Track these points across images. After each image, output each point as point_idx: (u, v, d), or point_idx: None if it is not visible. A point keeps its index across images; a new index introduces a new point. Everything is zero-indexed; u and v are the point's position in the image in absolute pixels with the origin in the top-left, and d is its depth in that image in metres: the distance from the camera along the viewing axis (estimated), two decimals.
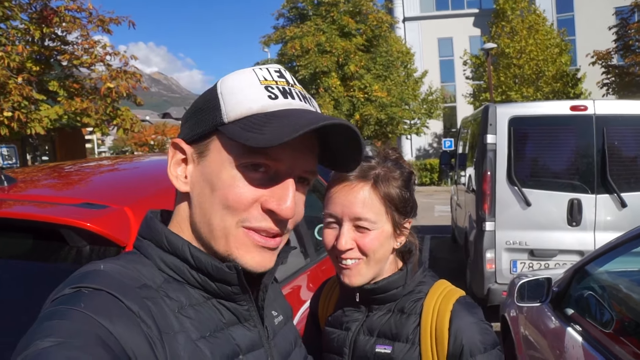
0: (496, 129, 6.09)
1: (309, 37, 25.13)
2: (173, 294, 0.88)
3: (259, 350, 0.96)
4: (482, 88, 30.45)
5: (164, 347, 0.80)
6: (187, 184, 0.93)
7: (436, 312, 1.43)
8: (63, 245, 1.60)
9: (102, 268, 0.85)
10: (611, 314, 2.79)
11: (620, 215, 5.82)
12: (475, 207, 6.45)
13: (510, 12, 29.74)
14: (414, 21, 41.06)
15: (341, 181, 1.44)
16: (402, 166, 1.49)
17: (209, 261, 0.89)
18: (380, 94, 25.20)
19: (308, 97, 0.96)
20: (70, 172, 2.58)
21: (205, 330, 0.88)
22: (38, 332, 0.71)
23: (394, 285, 1.48)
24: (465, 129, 9.64)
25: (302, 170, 0.92)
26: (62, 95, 13.13)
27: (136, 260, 0.91)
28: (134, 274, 0.86)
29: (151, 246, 0.93)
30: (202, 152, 0.91)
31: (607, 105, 5.95)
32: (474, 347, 1.37)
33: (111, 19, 13.77)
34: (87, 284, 0.80)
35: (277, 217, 0.90)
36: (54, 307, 0.77)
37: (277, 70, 0.94)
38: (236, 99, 0.88)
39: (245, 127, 0.85)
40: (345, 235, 1.41)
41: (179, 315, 0.86)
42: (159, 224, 0.94)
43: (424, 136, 33.72)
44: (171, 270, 0.91)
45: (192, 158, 0.92)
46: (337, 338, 1.53)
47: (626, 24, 24.93)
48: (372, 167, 1.44)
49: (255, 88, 0.89)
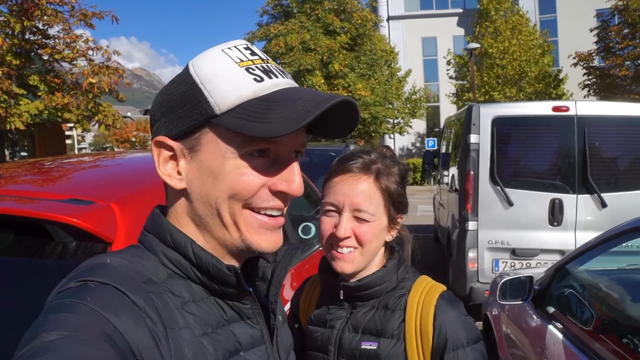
0: (479, 128, 6.13)
1: (293, 35, 25.04)
2: (176, 289, 0.87)
3: (260, 347, 0.96)
4: (465, 88, 30.62)
5: (169, 342, 0.79)
6: (182, 181, 0.91)
7: (420, 308, 1.46)
8: (48, 241, 1.59)
9: (108, 262, 0.85)
10: (591, 312, 2.82)
11: (600, 215, 5.89)
12: (458, 206, 6.50)
13: (494, 12, 29.91)
14: (398, 20, 41.16)
15: (344, 172, 1.48)
16: (399, 162, 1.54)
17: (210, 260, 0.89)
18: (364, 92, 25.20)
19: (284, 71, 0.94)
20: (54, 168, 2.56)
21: (207, 326, 0.88)
22: (45, 325, 0.71)
23: (378, 282, 1.50)
24: (449, 128, 9.69)
25: (298, 145, 0.93)
26: (43, 90, 12.95)
27: (140, 255, 0.90)
28: (139, 268, 0.85)
29: (155, 241, 0.92)
30: (194, 146, 0.89)
31: (588, 107, 6.02)
32: (458, 341, 1.40)
33: (94, 13, 13.64)
34: (93, 278, 0.79)
35: (287, 196, 0.91)
36: (60, 300, 0.76)
37: (247, 47, 0.93)
38: (221, 87, 0.85)
39: (243, 117, 0.84)
40: (345, 224, 1.44)
41: (182, 311, 0.86)
42: (164, 219, 0.93)
43: (407, 135, 33.87)
44: (174, 266, 0.90)
45: (183, 154, 0.90)
46: (321, 336, 1.54)
47: (607, 26, 25.22)
48: (373, 161, 1.49)
49: (236, 73, 0.87)
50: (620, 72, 23.75)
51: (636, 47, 23.25)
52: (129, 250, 0.92)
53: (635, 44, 23.26)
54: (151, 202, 1.07)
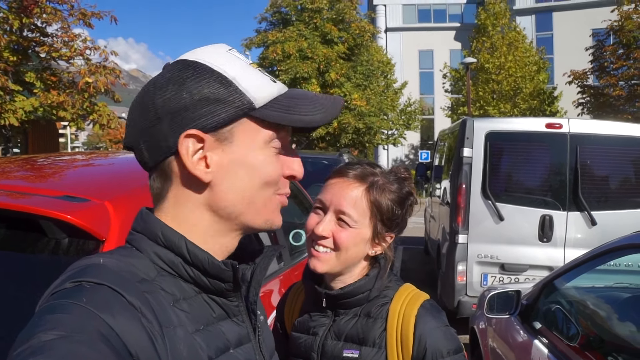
0: (473, 142, 6.15)
1: (291, 42, 25.09)
2: (167, 287, 0.88)
3: (247, 344, 0.97)
4: (460, 102, 30.74)
5: (165, 341, 0.80)
6: (209, 174, 0.90)
7: (401, 317, 1.46)
8: (41, 237, 1.59)
9: (101, 262, 0.85)
10: (577, 329, 2.83)
11: (590, 233, 5.92)
12: (449, 219, 6.51)
13: (491, 28, 30.11)
14: (396, 32, 41.40)
15: (340, 175, 1.51)
16: (403, 184, 1.53)
17: (206, 257, 0.89)
18: (359, 102, 25.24)
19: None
20: (48, 165, 2.56)
21: (199, 323, 0.89)
22: (40, 325, 0.71)
23: (360, 291, 1.50)
24: (443, 141, 9.73)
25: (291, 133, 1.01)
26: (39, 87, 12.92)
27: (129, 254, 0.90)
28: (130, 268, 0.85)
29: (145, 240, 0.91)
30: (227, 138, 0.90)
31: (581, 125, 6.07)
32: (437, 352, 1.40)
33: (93, 12, 13.62)
34: (88, 278, 0.79)
35: (293, 179, 1.00)
36: (55, 301, 0.77)
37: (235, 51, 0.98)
38: (254, 82, 0.91)
39: (280, 110, 0.92)
40: (325, 223, 1.46)
41: (175, 308, 0.86)
42: (155, 218, 0.93)
43: (401, 147, 33.95)
44: (165, 264, 0.90)
45: (214, 146, 0.90)
46: (304, 343, 1.54)
47: (602, 46, 25.41)
48: (372, 174, 1.50)
49: (255, 72, 0.94)
50: (614, 91, 23.88)
51: (630, 68, 23.42)
52: (118, 250, 0.92)
53: (629, 64, 23.43)
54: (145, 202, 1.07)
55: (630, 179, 6.14)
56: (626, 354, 2.74)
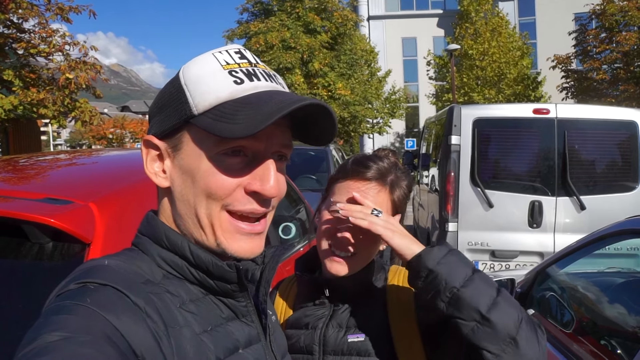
0: (460, 130, 6.16)
1: (273, 33, 24.97)
2: (173, 289, 0.89)
3: (257, 344, 0.98)
4: (444, 89, 30.84)
5: (170, 341, 0.80)
6: (166, 179, 0.94)
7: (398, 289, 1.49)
8: (24, 242, 1.54)
9: (106, 263, 0.86)
10: (571, 315, 2.85)
11: (579, 217, 5.96)
12: (439, 207, 6.52)
13: (474, 14, 30.16)
14: (379, 20, 41.29)
15: (359, 176, 1.47)
16: (409, 177, 1.56)
17: (209, 259, 0.90)
18: (343, 92, 25.23)
19: (273, 75, 0.96)
20: (29, 166, 2.49)
21: (206, 324, 0.89)
22: (45, 326, 0.71)
23: (361, 279, 1.50)
24: (429, 129, 9.73)
25: (279, 145, 0.93)
26: (18, 85, 12.67)
27: (135, 257, 0.91)
28: (135, 270, 0.87)
29: (150, 243, 0.93)
30: (176, 145, 0.91)
31: (568, 109, 6.09)
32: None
33: (71, 7, 13.41)
34: (92, 279, 0.80)
35: (261, 197, 0.91)
36: (60, 302, 0.77)
37: (238, 51, 0.95)
38: (202, 88, 0.88)
39: (216, 118, 0.86)
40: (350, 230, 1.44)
41: (181, 310, 0.87)
42: (159, 221, 0.95)
43: (387, 135, 33.99)
44: (170, 267, 0.91)
45: (167, 153, 0.93)
46: (303, 338, 1.51)
47: (585, 30, 25.54)
48: (388, 171, 1.50)
49: (219, 75, 0.89)
50: (597, 75, 24.06)
51: (613, 51, 23.59)
52: (124, 252, 0.94)
53: (612, 48, 23.59)
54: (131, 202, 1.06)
55: (618, 162, 6.18)
56: (619, 337, 2.75)
